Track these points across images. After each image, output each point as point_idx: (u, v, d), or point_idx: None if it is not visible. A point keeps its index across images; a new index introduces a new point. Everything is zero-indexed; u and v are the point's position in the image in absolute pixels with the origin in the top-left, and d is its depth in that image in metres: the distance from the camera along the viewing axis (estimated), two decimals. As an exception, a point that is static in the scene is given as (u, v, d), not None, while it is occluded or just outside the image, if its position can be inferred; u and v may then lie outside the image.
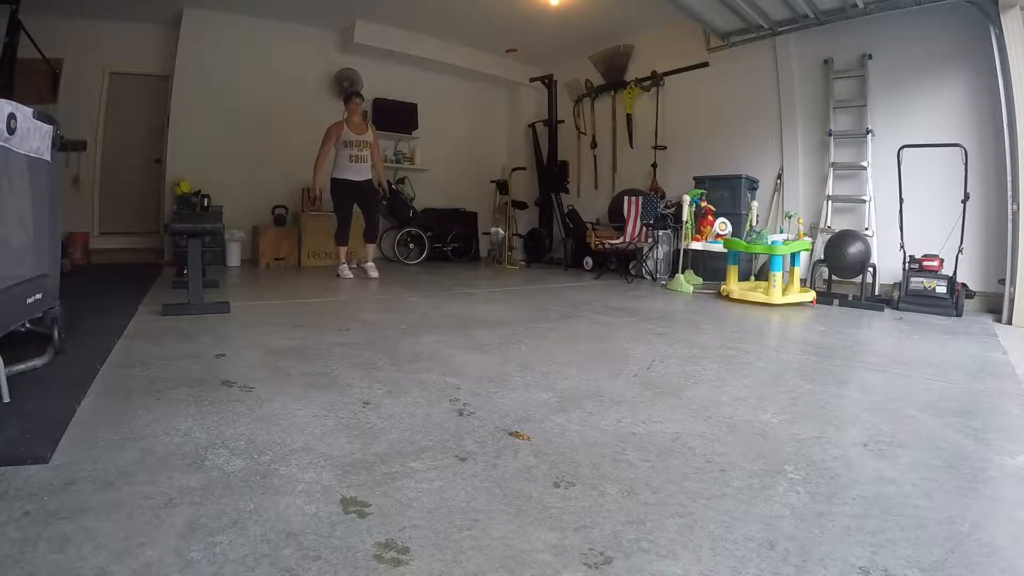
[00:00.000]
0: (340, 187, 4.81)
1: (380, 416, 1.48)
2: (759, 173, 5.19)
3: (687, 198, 4.76)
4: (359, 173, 4.85)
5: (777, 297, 3.78)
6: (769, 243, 3.89)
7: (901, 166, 3.93)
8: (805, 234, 4.51)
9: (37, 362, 1.77)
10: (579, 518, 0.99)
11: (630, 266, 5.50)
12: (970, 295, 3.81)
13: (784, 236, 4.03)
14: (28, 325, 1.95)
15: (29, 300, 1.76)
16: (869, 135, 4.50)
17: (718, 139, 5.59)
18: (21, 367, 1.69)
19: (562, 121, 6.82)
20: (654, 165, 6.11)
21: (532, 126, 7.19)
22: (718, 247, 4.52)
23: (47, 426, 1.30)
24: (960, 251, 3.69)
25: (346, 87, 6.28)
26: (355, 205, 4.91)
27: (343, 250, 4.87)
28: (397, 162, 6.76)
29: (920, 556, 0.90)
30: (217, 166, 5.66)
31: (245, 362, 1.97)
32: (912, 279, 3.78)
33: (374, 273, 4.91)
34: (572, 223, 6.42)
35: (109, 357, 1.97)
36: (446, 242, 6.77)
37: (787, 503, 1.07)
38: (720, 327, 3.02)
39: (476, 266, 6.47)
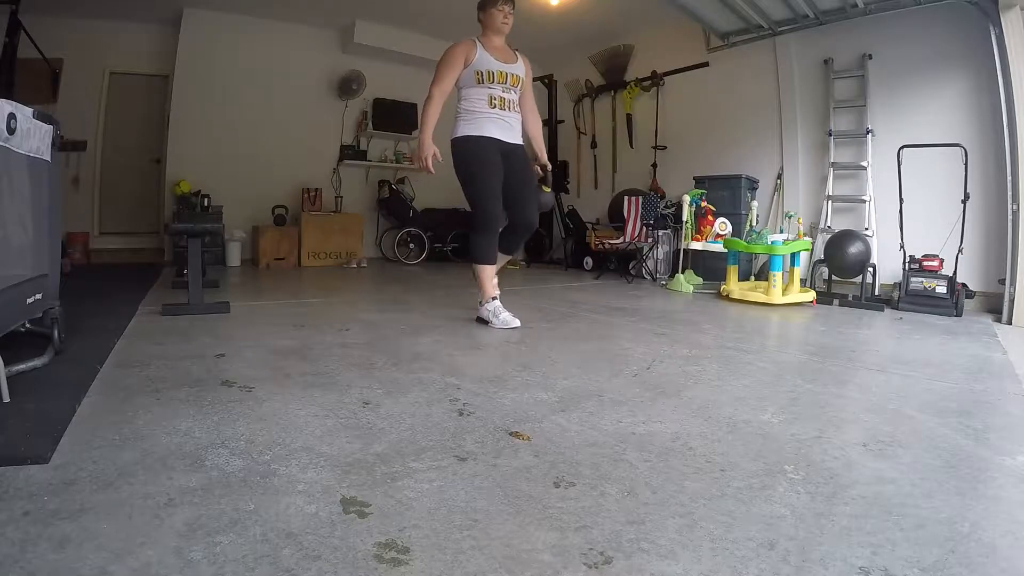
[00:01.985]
0: (477, 150, 2.73)
1: (380, 416, 1.48)
2: (759, 173, 5.19)
3: (687, 198, 4.76)
4: (507, 130, 2.80)
5: (777, 297, 3.78)
6: (769, 243, 3.89)
7: (901, 166, 3.93)
8: (805, 234, 4.51)
9: (37, 362, 1.77)
10: (579, 518, 0.99)
11: (630, 266, 5.50)
12: (970, 295, 3.81)
13: (784, 236, 4.03)
14: (28, 325, 1.95)
15: (29, 300, 1.76)
16: (869, 135, 4.50)
17: (718, 139, 5.59)
18: (21, 367, 1.69)
19: (562, 121, 6.82)
20: (654, 165, 6.11)
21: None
22: (718, 247, 4.52)
23: (47, 426, 1.30)
24: (960, 251, 3.69)
25: (354, 88, 6.28)
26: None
27: (490, 273, 2.81)
28: (397, 162, 6.76)
29: (920, 556, 0.90)
30: (217, 166, 5.67)
31: (245, 362, 1.97)
32: (912, 279, 3.78)
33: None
34: (572, 223, 6.42)
35: (109, 357, 1.97)
36: (446, 242, 6.77)
37: (787, 503, 1.07)
38: (720, 327, 3.02)
39: (476, 266, 6.46)
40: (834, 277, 4.17)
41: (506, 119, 2.80)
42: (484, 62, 2.76)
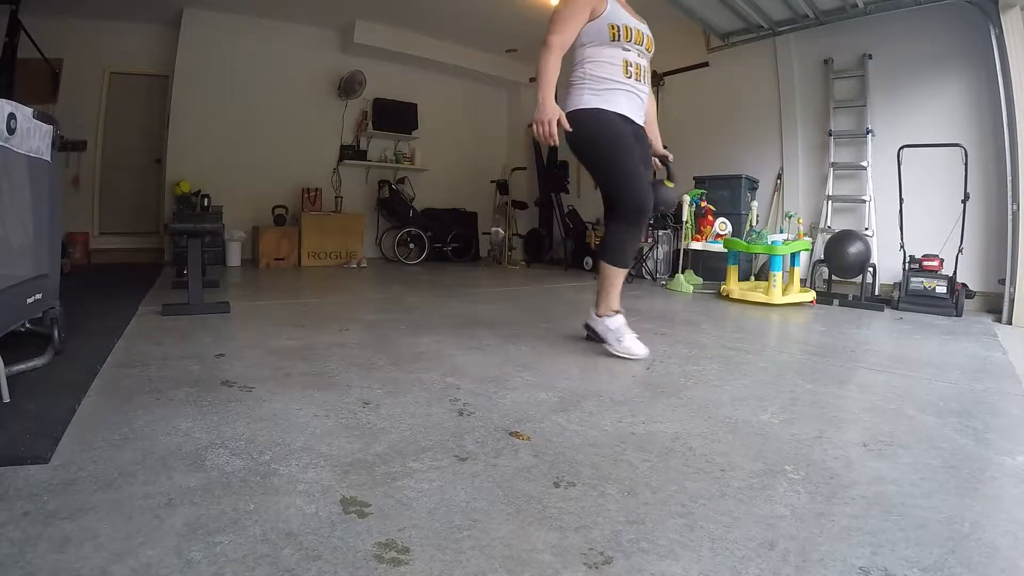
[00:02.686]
0: (611, 124, 2.15)
1: (380, 416, 1.48)
2: (759, 173, 5.19)
3: (687, 198, 4.76)
4: (640, 108, 2.24)
5: (777, 297, 3.78)
6: (769, 243, 3.89)
7: (901, 166, 3.93)
8: (805, 234, 4.52)
9: (37, 362, 1.77)
10: (579, 518, 0.99)
11: (630, 266, 5.50)
12: (970, 295, 3.81)
13: (784, 236, 4.03)
14: (28, 325, 1.96)
15: (29, 300, 1.76)
16: (869, 135, 4.50)
17: (718, 139, 5.59)
18: (21, 367, 1.69)
19: (562, 121, 6.81)
20: (654, 165, 6.11)
21: (532, 126, 7.18)
22: (718, 247, 4.52)
23: (47, 426, 1.30)
24: (960, 251, 3.69)
25: (356, 89, 6.28)
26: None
27: (619, 280, 2.24)
28: (397, 162, 6.77)
29: (920, 556, 0.90)
30: (217, 166, 5.67)
31: (245, 362, 1.97)
32: (912, 279, 3.78)
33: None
34: (572, 223, 6.42)
35: (109, 357, 1.97)
36: (446, 242, 6.77)
37: (787, 503, 1.07)
38: (720, 327, 3.02)
39: (476, 266, 6.47)
40: (834, 277, 4.17)
41: (640, 93, 2.19)
42: (618, 14, 2.16)
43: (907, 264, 3.83)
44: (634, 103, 2.19)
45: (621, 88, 2.16)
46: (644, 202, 2.15)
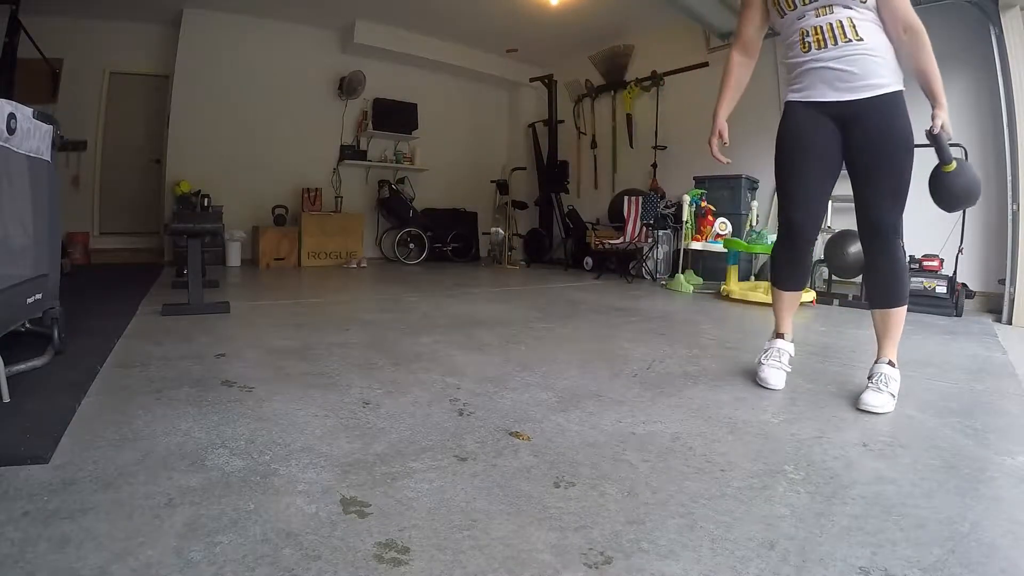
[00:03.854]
0: (784, 129, 1.92)
1: (380, 416, 1.48)
2: (759, 173, 5.18)
3: (687, 198, 4.76)
4: (843, 79, 1.68)
5: (777, 297, 3.77)
6: (769, 243, 3.89)
7: (901, 166, 3.93)
8: (805, 234, 4.51)
9: (37, 362, 1.77)
10: (579, 518, 0.99)
11: (630, 266, 5.50)
12: (970, 295, 3.81)
13: (784, 236, 4.02)
14: (28, 325, 1.96)
15: (29, 300, 1.76)
16: (869, 135, 4.50)
17: (718, 139, 5.57)
18: (21, 367, 1.69)
19: (562, 121, 6.82)
20: (654, 165, 6.11)
21: (532, 126, 7.20)
22: (718, 247, 4.52)
23: (47, 426, 1.30)
24: (960, 251, 3.69)
25: (357, 89, 6.28)
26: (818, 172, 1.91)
27: (786, 302, 2.01)
28: (397, 162, 6.77)
29: (920, 556, 0.90)
30: (217, 166, 5.67)
31: (245, 362, 1.97)
32: (912, 279, 3.77)
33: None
34: (572, 223, 6.42)
35: (109, 357, 1.97)
36: (446, 242, 6.77)
37: (787, 503, 1.07)
38: (720, 327, 3.02)
39: (476, 266, 6.47)
40: (834, 277, 4.17)
41: (835, 63, 1.66)
42: None
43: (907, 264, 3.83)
44: (830, 77, 1.69)
45: (804, 67, 1.76)
46: (794, 221, 1.88)
